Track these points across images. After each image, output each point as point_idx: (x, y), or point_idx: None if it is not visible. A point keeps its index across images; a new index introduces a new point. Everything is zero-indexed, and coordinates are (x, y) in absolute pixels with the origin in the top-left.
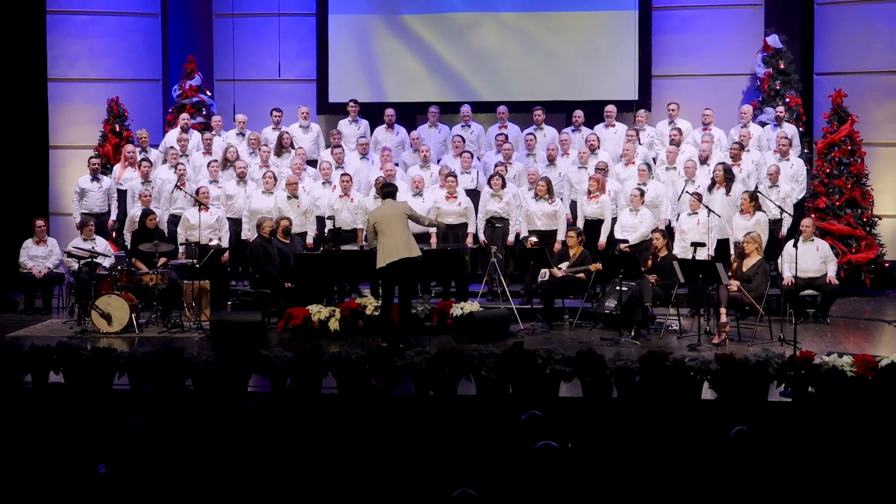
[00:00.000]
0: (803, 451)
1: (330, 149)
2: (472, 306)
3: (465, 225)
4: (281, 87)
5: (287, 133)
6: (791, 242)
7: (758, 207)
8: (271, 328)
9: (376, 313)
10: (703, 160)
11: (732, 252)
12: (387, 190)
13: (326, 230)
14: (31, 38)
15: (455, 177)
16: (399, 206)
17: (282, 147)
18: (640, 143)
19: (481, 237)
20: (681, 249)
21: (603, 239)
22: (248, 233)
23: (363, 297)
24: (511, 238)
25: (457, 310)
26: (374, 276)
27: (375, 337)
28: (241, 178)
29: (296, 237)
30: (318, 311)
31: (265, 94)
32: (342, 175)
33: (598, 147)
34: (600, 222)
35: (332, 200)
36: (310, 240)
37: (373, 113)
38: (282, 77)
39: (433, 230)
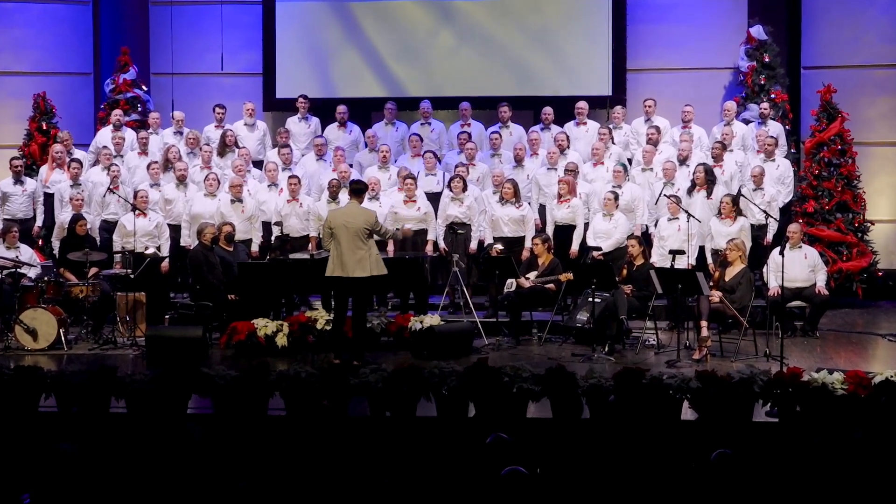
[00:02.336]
0: (790, 475)
1: (277, 149)
2: (432, 320)
3: (424, 231)
4: (224, 82)
5: (230, 131)
6: (777, 250)
7: (740, 212)
8: (213, 344)
9: (328, 328)
10: (683, 161)
11: (712, 261)
12: (356, 187)
13: (273, 237)
14: None
15: (414, 179)
16: (363, 215)
17: (225, 146)
18: (612, 143)
19: (442, 244)
20: (659, 257)
21: (574, 246)
22: (188, 240)
23: (313, 310)
24: (474, 245)
25: (415, 324)
26: (325, 288)
27: (327, 353)
28: (181, 180)
29: (240, 245)
30: (264, 326)
31: (206, 89)
32: (290, 177)
33: (569, 147)
34: (571, 228)
35: (280, 205)
36: (255, 247)
37: (324, 110)
38: (225, 70)
39: (390, 237)
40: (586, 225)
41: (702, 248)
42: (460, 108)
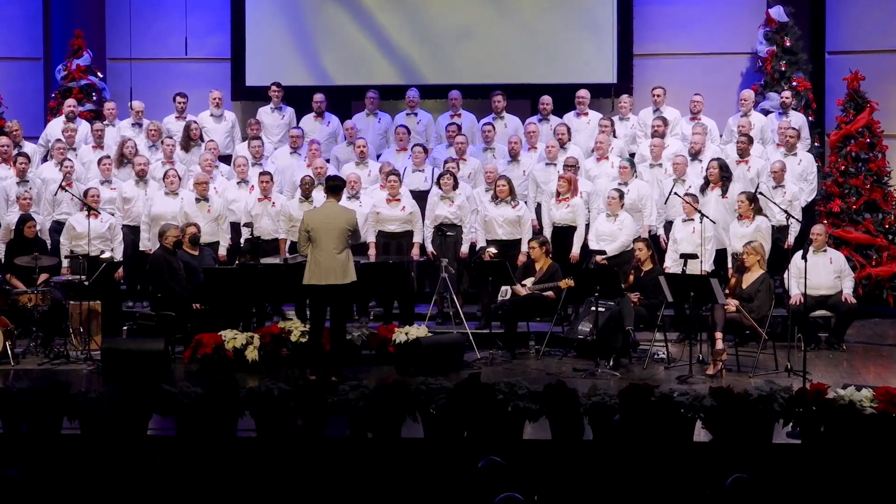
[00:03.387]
0: (813, 502)
1: (247, 141)
2: (418, 331)
3: (410, 233)
4: (188, 68)
5: (195, 123)
6: (799, 254)
7: (759, 211)
8: (176, 358)
9: (303, 340)
10: (695, 155)
11: (730, 265)
12: (332, 184)
13: (243, 239)
14: None
15: (398, 175)
16: (344, 215)
17: (189, 140)
18: (614, 136)
19: (429, 248)
20: (670, 262)
21: (575, 250)
22: (147, 243)
23: (287, 320)
24: (465, 249)
25: (400, 335)
26: (300, 296)
27: (303, 368)
28: (140, 177)
29: (206, 248)
30: (232, 338)
31: (169, 75)
32: (261, 173)
33: (569, 140)
34: (572, 230)
35: (250, 204)
36: (223, 251)
37: (299, 99)
38: (189, 56)
39: (371, 240)
40: (588, 226)
41: (720, 252)
42: (450, 97)
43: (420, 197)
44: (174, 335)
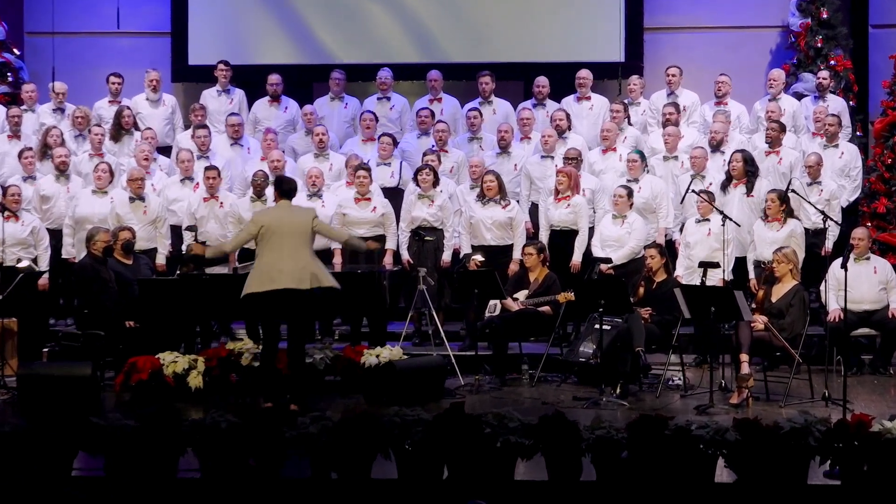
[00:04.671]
0: None
1: (191, 130)
2: (391, 353)
3: (382, 238)
4: (121, 44)
5: (129, 108)
6: (838, 262)
7: (791, 213)
8: (106, 386)
9: (256, 363)
10: (716, 147)
11: (751, 275)
12: (286, 187)
13: (185, 246)
14: None
15: (368, 170)
16: (303, 213)
17: (121, 128)
18: (629, 123)
19: (405, 255)
20: (685, 272)
21: (577, 257)
22: (71, 250)
23: (237, 340)
24: (447, 257)
25: (370, 358)
26: (252, 311)
27: (255, 397)
28: (61, 171)
29: (141, 256)
30: (172, 362)
31: (98, 53)
32: (207, 168)
33: (570, 128)
34: (573, 234)
35: (194, 204)
36: (161, 260)
37: (251, 80)
38: (122, 30)
39: (336, 246)
40: (592, 230)
41: (740, 260)
42: (428, 78)
43: (389, 195)
44: (103, 358)
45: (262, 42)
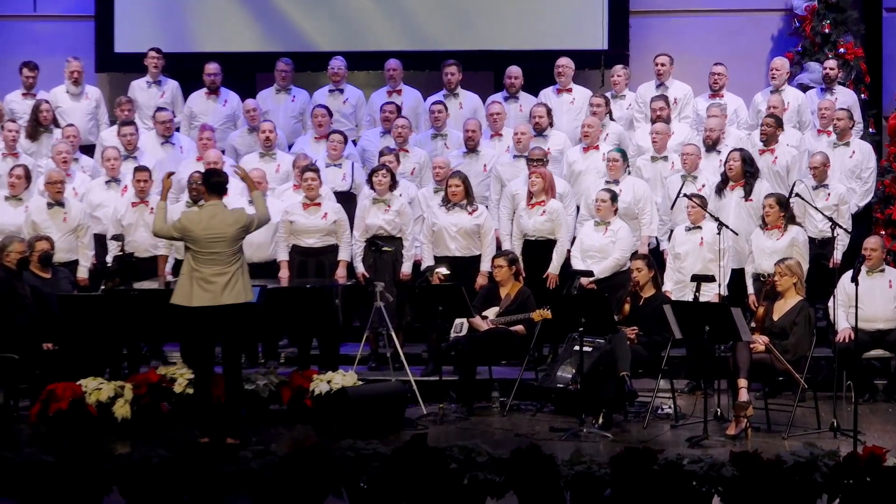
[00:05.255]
0: None
1: (117, 127)
2: (344, 379)
3: (333, 249)
4: (37, 29)
5: (47, 102)
6: (848, 275)
7: (793, 219)
8: (21, 416)
9: (191, 391)
10: (711, 145)
11: (750, 290)
12: (214, 180)
13: (110, 257)
14: None
15: (317, 172)
16: (232, 216)
17: (39, 125)
18: (611, 119)
19: (359, 268)
20: (675, 286)
21: (553, 269)
22: None
23: (170, 364)
24: (406, 269)
25: (320, 384)
26: (187, 332)
27: (190, 428)
28: None
29: (61, 269)
30: (96, 389)
31: (11, 39)
32: (136, 169)
33: (548, 125)
34: (549, 243)
35: (121, 210)
36: (83, 273)
37: (187, 70)
38: (39, 13)
39: (283, 257)
40: (572, 239)
41: (738, 273)
42: (386, 68)
43: (341, 200)
44: (17, 385)
45: (198, 27)
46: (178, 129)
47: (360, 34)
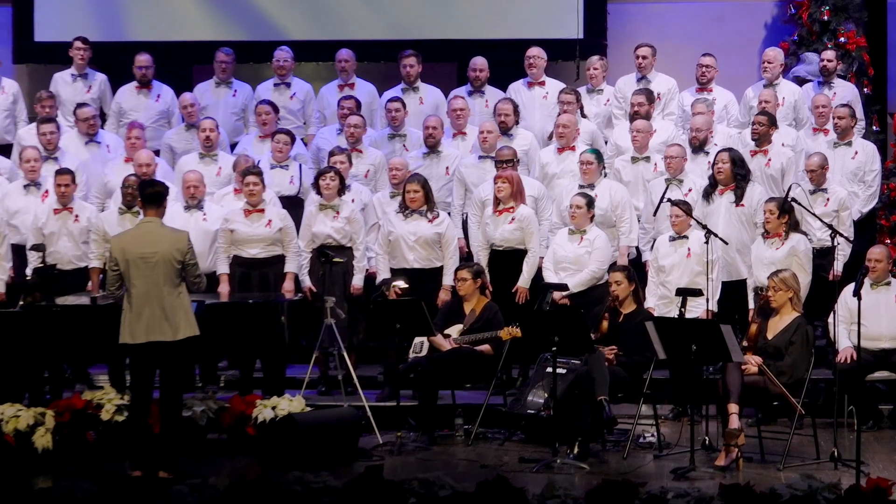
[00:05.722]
0: None
1: (36, 125)
2: (291, 404)
3: (279, 260)
4: None
5: None
6: (850, 289)
7: (795, 226)
8: None
9: (119, 418)
10: (698, 145)
11: (751, 305)
12: (150, 191)
13: (30, 270)
14: None
15: (260, 175)
16: (170, 239)
17: None
18: (582, 115)
19: (306, 281)
20: (659, 301)
21: (524, 282)
22: None
23: (97, 388)
24: (358, 282)
25: (264, 411)
26: (116, 353)
27: (120, 460)
28: None
29: None
30: (13, 416)
31: None
32: (59, 172)
33: (514, 123)
34: (519, 254)
35: (42, 217)
36: (0, 287)
37: (116, 61)
38: None
39: (223, 271)
40: (544, 249)
41: (728, 287)
42: (337, 58)
43: (289, 206)
44: None
45: (129, 14)
46: (102, 127)
47: (308, 21)
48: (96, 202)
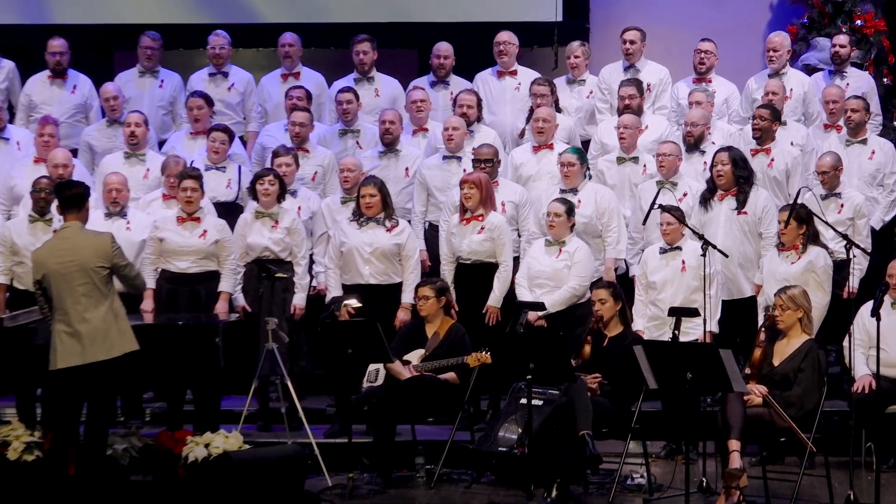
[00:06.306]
0: None
1: None
2: (227, 441)
3: (213, 276)
4: None
5: None
6: (868, 308)
7: (815, 238)
8: None
9: (30, 458)
10: (694, 143)
11: (763, 324)
12: (68, 194)
13: None
14: None
15: (197, 178)
16: (91, 243)
17: None
18: (557, 110)
19: (241, 300)
20: (650, 323)
21: (494, 301)
22: None
23: (3, 423)
24: (300, 301)
25: (196, 449)
26: (27, 381)
27: None
28: None
29: None
30: None
31: None
32: None
33: (479, 119)
34: (489, 268)
35: None
36: None
37: (27, 46)
38: None
39: (149, 287)
40: (517, 262)
41: (729, 306)
42: (281, 43)
43: (226, 213)
44: None
45: None
46: (11, 122)
47: (247, 2)
48: (1, 208)
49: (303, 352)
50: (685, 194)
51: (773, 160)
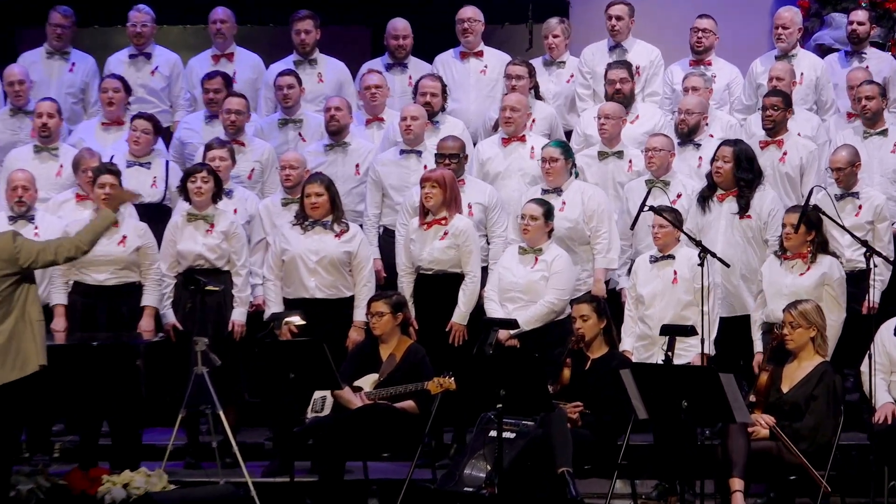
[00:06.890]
0: None
1: None
2: (150, 480)
3: (135, 289)
4: None
5: None
6: (891, 326)
7: (824, 246)
8: None
9: None
10: (688, 134)
11: (759, 345)
12: None
13: None
14: None
15: (116, 175)
16: None
17: None
18: (536, 97)
19: (169, 317)
20: (639, 343)
21: (460, 318)
22: None
23: None
24: (238, 317)
25: (114, 490)
26: None
27: None
28: None
29: None
30: None
31: None
32: None
33: (444, 109)
34: (454, 279)
35: None
36: None
37: None
38: None
39: (57, 301)
40: (486, 272)
41: (729, 323)
42: (211, 20)
43: (150, 216)
44: None
45: None
46: None
47: None
48: None
49: (239, 377)
50: (679, 195)
51: (785, 153)
